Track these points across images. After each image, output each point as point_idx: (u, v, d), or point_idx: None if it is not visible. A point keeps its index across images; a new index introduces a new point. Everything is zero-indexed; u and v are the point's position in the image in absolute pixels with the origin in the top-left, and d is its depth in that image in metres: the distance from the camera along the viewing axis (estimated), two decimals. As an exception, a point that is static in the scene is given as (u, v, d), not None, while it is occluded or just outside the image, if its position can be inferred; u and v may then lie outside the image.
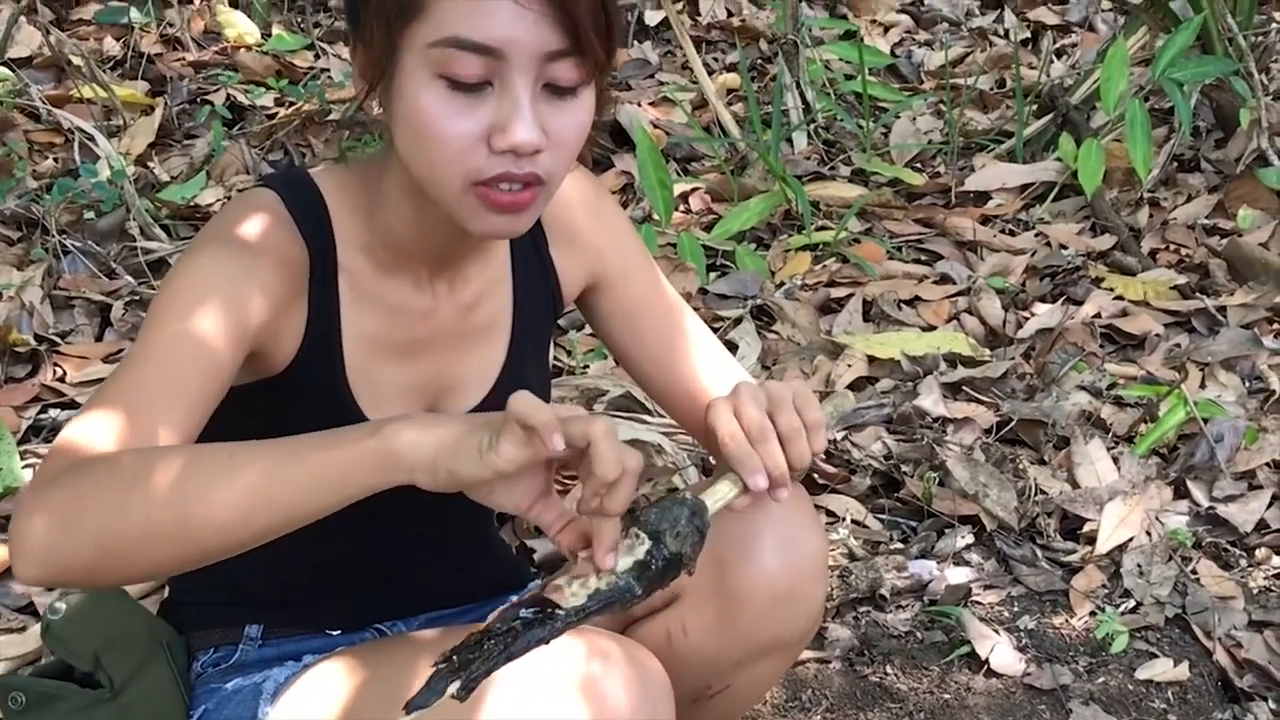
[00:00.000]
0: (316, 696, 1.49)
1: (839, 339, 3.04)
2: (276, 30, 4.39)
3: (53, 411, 2.79)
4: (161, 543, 1.19)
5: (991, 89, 4.26)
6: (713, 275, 3.33)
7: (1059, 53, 4.47)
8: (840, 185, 3.74)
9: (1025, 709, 2.20)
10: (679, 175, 3.80)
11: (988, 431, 2.75)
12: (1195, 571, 2.43)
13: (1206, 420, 2.63)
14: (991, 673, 2.26)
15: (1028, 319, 3.15)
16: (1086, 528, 2.52)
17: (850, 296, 3.24)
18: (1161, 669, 2.25)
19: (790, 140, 3.93)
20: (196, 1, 4.54)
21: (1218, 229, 3.50)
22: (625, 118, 3.90)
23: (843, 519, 2.56)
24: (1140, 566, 2.42)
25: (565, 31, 1.30)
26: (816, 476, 2.63)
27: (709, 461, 2.54)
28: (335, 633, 1.67)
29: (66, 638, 1.55)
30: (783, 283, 3.31)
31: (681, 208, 3.66)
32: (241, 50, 4.27)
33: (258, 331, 1.40)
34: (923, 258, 3.47)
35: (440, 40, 1.30)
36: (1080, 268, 3.35)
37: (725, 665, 1.64)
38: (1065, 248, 3.44)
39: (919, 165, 3.90)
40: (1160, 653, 2.29)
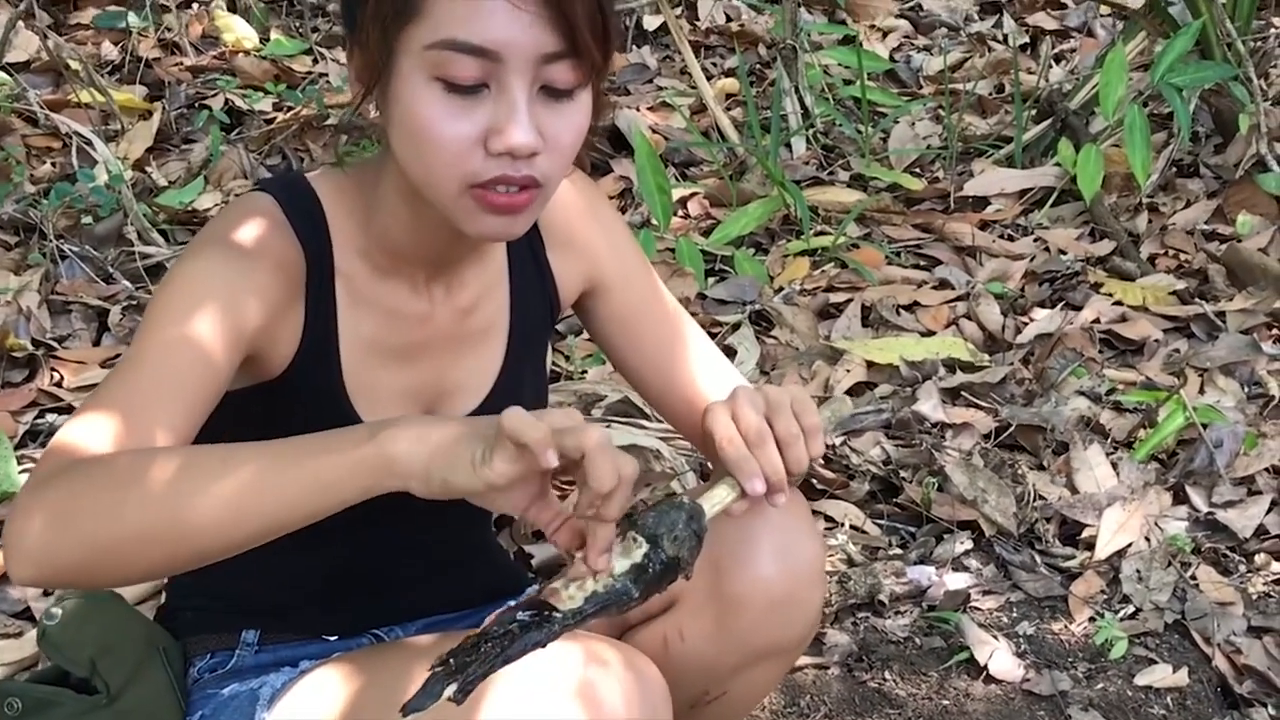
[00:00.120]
0: (313, 702, 1.48)
1: (838, 344, 3.03)
2: (275, 35, 4.39)
3: (50, 416, 2.78)
4: (154, 544, 1.18)
5: (990, 94, 4.26)
6: (711, 280, 3.33)
7: (1058, 58, 4.47)
8: (839, 190, 3.74)
9: (1024, 715, 2.20)
10: (677, 180, 3.79)
11: (986, 437, 2.75)
12: (1194, 577, 2.42)
13: (1205, 426, 2.63)
14: (990, 679, 2.26)
15: (1026, 324, 3.14)
16: (1085, 533, 2.52)
17: (849, 302, 3.23)
18: (1161, 675, 2.25)
19: (789, 145, 3.92)
20: (195, 6, 4.54)
21: (1217, 234, 3.50)
22: (624, 123, 3.90)
23: (841, 524, 2.55)
24: (1139, 572, 2.42)
25: (561, 33, 1.30)
26: (815, 482, 2.63)
27: (707, 467, 2.54)
28: (332, 638, 1.66)
29: (62, 643, 1.54)
30: (781, 288, 3.31)
31: (680, 213, 3.66)
32: (239, 55, 4.27)
33: (254, 335, 1.40)
34: (921, 263, 3.47)
35: (436, 42, 1.29)
36: (1079, 273, 3.35)
37: (722, 671, 1.63)
38: (1064, 253, 3.43)
39: (918, 170, 3.89)
40: (1159, 659, 2.29)
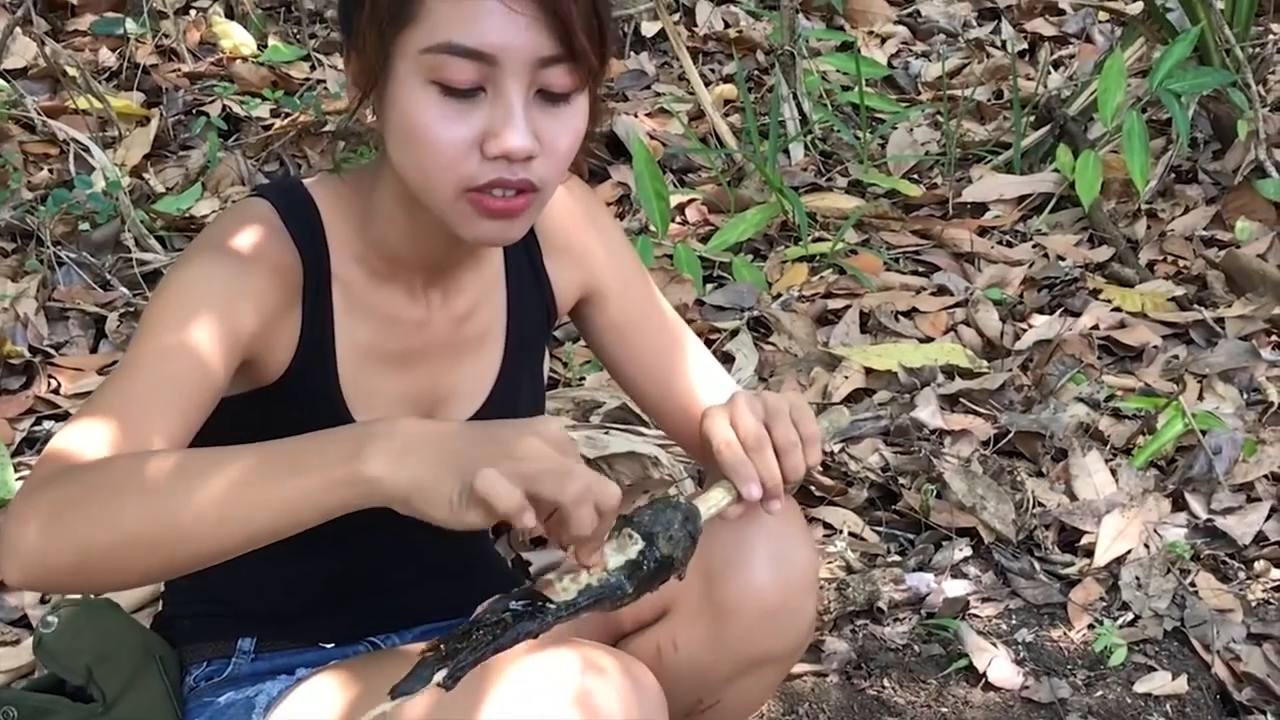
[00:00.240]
0: (309, 710, 1.48)
1: (836, 351, 3.03)
2: (272, 41, 4.39)
3: (47, 423, 2.78)
4: (143, 550, 1.17)
5: (989, 100, 4.26)
6: (709, 287, 3.33)
7: (1056, 64, 4.47)
8: (837, 196, 3.74)
9: (1023, 722, 2.20)
10: (676, 186, 3.79)
11: (985, 444, 2.75)
12: (1194, 584, 2.42)
13: (1205, 432, 2.63)
14: (989, 686, 2.25)
15: (1025, 331, 3.14)
16: (1084, 540, 2.52)
17: (847, 308, 3.23)
18: (1160, 682, 2.24)
19: (787, 151, 3.92)
20: (192, 13, 4.54)
21: (1215, 240, 3.49)
22: (622, 129, 3.90)
23: (840, 531, 2.55)
24: (1138, 579, 2.41)
25: (558, 37, 1.30)
26: (813, 489, 2.62)
27: (704, 475, 2.54)
28: (329, 646, 1.66)
29: (58, 651, 1.54)
30: (780, 294, 3.31)
31: (678, 219, 3.65)
32: (237, 61, 4.26)
33: (250, 341, 1.40)
34: (920, 269, 3.47)
35: (433, 46, 1.30)
36: (1078, 279, 3.34)
37: (716, 679, 1.63)
38: (1063, 259, 3.43)
39: (916, 176, 3.89)
40: (1159, 666, 2.28)
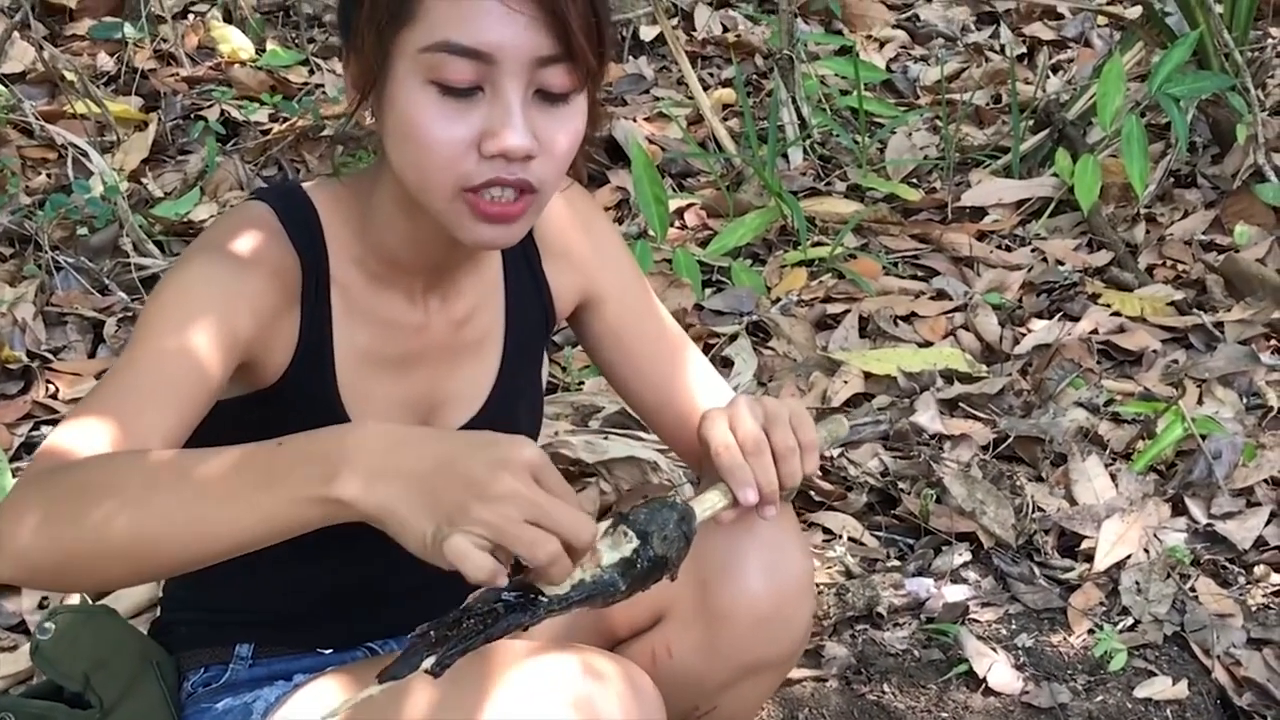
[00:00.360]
0: (307, 716, 1.47)
1: (835, 355, 3.03)
2: (271, 46, 4.39)
3: (45, 428, 2.78)
4: (117, 558, 1.17)
5: (987, 104, 4.26)
6: (708, 291, 3.32)
7: (1055, 68, 4.47)
8: (836, 201, 3.74)
9: (1023, 728, 2.20)
10: (674, 191, 3.79)
11: (985, 448, 2.74)
12: (1194, 589, 2.42)
13: (1204, 437, 2.62)
14: (989, 691, 2.25)
15: (1024, 335, 3.14)
16: (1084, 545, 2.51)
17: (846, 312, 3.23)
18: (1160, 687, 2.24)
19: (786, 156, 3.92)
20: (191, 17, 4.54)
21: (1215, 245, 3.49)
22: (621, 133, 3.90)
23: (839, 536, 2.55)
24: (1138, 584, 2.41)
25: (556, 36, 1.30)
26: (813, 493, 2.62)
27: (700, 479, 2.53)
28: (326, 652, 1.66)
29: (55, 658, 1.53)
30: (779, 299, 3.31)
31: (677, 223, 3.65)
32: (236, 66, 4.27)
33: (248, 343, 1.40)
34: (919, 273, 3.47)
35: (431, 45, 1.30)
36: (1077, 284, 3.34)
37: (711, 686, 1.63)
38: (1062, 263, 3.43)
39: (915, 181, 3.89)
40: (1159, 671, 2.28)
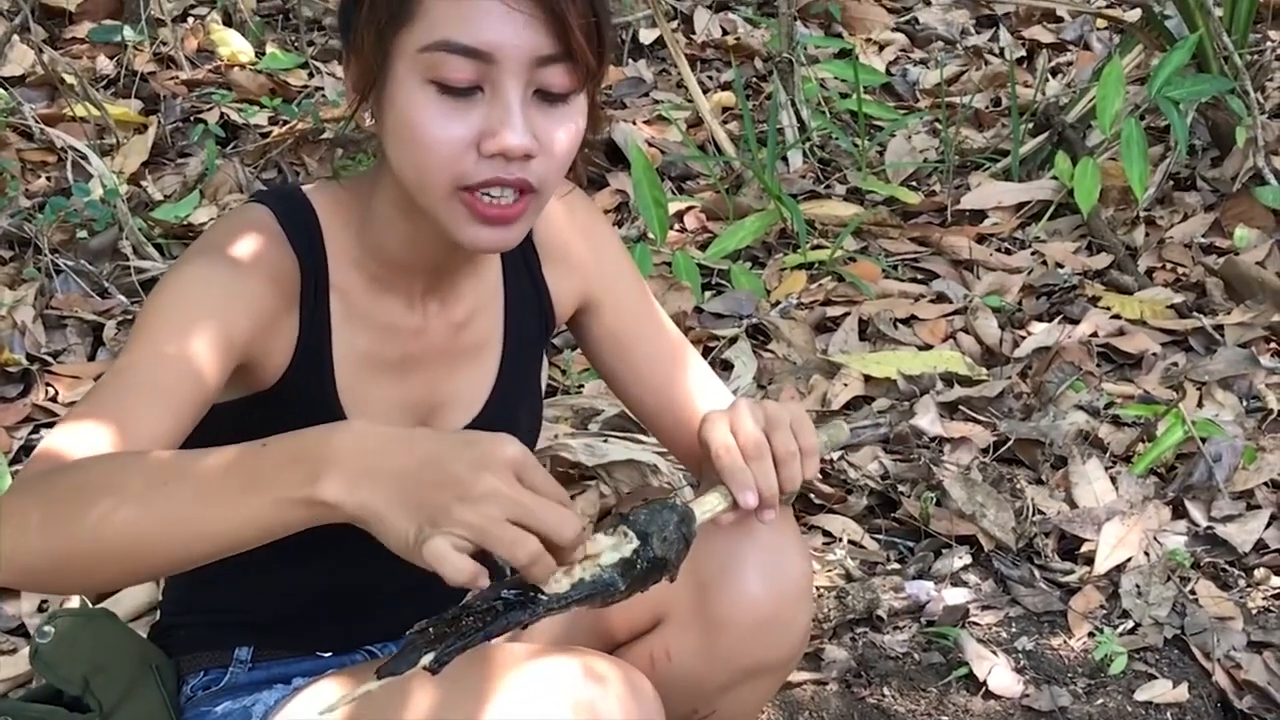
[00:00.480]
0: (306, 718, 1.47)
1: (835, 358, 3.03)
2: (270, 49, 4.38)
3: (44, 431, 2.77)
4: (106, 560, 1.16)
5: (987, 107, 4.26)
6: (708, 294, 3.32)
7: (1054, 71, 4.47)
8: (836, 204, 3.74)
9: (1024, 731, 2.20)
10: (674, 194, 3.79)
11: (985, 451, 2.74)
12: (1194, 592, 2.41)
13: (1204, 440, 2.62)
14: (990, 694, 2.25)
15: (1024, 338, 3.14)
16: (1084, 548, 2.51)
17: (846, 315, 3.22)
18: (1160, 690, 2.24)
19: (785, 159, 3.92)
20: (190, 20, 4.54)
21: (1214, 248, 3.49)
22: (620, 136, 3.90)
23: (839, 539, 2.55)
24: (1139, 587, 2.41)
25: (556, 36, 1.30)
26: (813, 496, 2.62)
27: (700, 482, 2.53)
28: (326, 655, 1.66)
29: (55, 662, 1.53)
30: (778, 302, 3.30)
31: (677, 226, 3.65)
32: (235, 69, 4.26)
33: (246, 345, 1.39)
34: (919, 276, 3.46)
35: (431, 44, 1.30)
36: (1077, 287, 3.34)
37: (710, 689, 1.62)
38: (1061, 266, 3.43)
39: (914, 184, 3.89)
40: (1159, 674, 2.28)
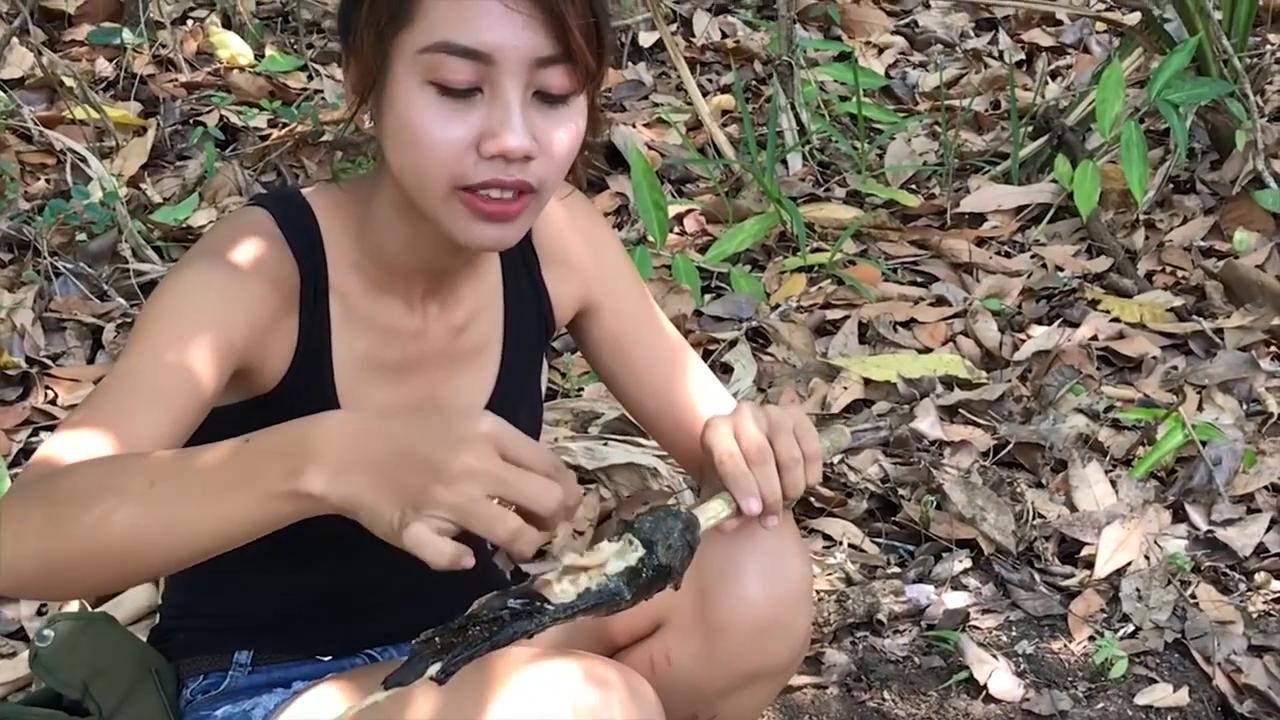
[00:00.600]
0: (308, 723, 1.47)
1: (835, 361, 3.02)
2: (270, 51, 4.38)
3: (44, 434, 2.77)
4: (94, 561, 1.16)
5: (986, 110, 4.26)
6: (708, 297, 3.32)
7: (1054, 74, 4.47)
8: (835, 207, 3.73)
9: (1024, 735, 2.19)
10: (674, 197, 3.79)
11: (985, 454, 2.74)
12: (1194, 596, 2.41)
13: (1204, 443, 2.62)
14: (990, 698, 2.24)
15: (1024, 341, 3.13)
16: (1085, 551, 2.51)
17: (846, 318, 3.22)
18: (1161, 694, 2.24)
19: (785, 162, 3.92)
20: (189, 23, 4.54)
21: (1214, 251, 3.49)
22: (620, 139, 3.90)
23: (840, 543, 2.54)
24: (1139, 591, 2.41)
25: (555, 37, 1.30)
26: (813, 500, 2.62)
27: (701, 486, 2.53)
28: (326, 658, 1.65)
29: (54, 666, 1.53)
30: (778, 305, 3.30)
31: (676, 229, 3.65)
32: (234, 71, 4.26)
33: (245, 349, 1.39)
34: (918, 279, 3.46)
35: (430, 46, 1.30)
36: (1076, 290, 3.34)
37: (710, 694, 1.62)
38: (1061, 270, 3.43)
39: (914, 187, 3.89)
40: (1160, 678, 2.28)
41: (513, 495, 1.12)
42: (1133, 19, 3.98)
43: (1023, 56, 4.62)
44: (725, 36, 4.74)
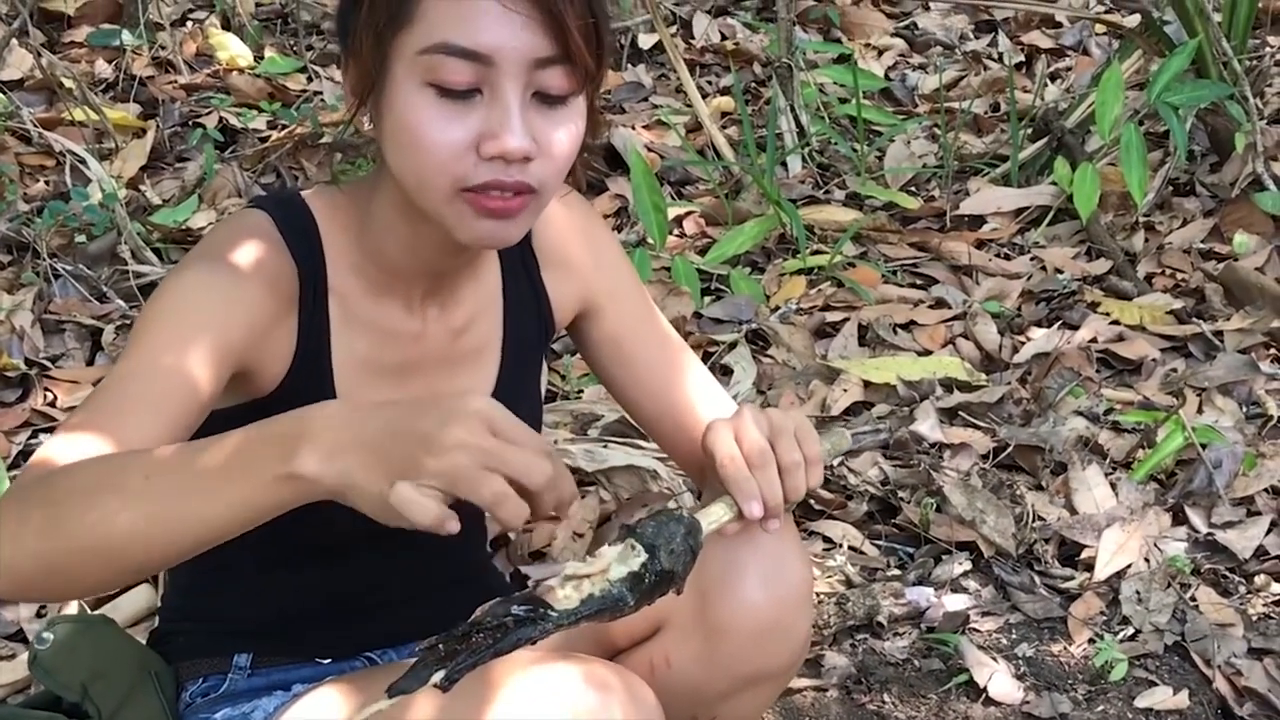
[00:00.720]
0: (308, 726, 1.47)
1: (834, 363, 3.02)
2: (269, 53, 4.38)
3: (43, 436, 2.77)
4: (89, 559, 1.16)
5: (986, 113, 4.26)
6: (707, 299, 3.32)
7: (1053, 76, 4.47)
8: (835, 209, 3.74)
9: (1024, 738, 2.19)
10: (673, 199, 3.79)
11: (984, 457, 2.74)
12: (1194, 598, 2.41)
13: (1204, 446, 2.62)
14: (990, 701, 2.24)
15: (1024, 344, 3.13)
16: (1084, 554, 2.51)
17: (845, 321, 3.22)
18: (1161, 697, 2.23)
19: (785, 164, 3.92)
20: (189, 24, 4.54)
21: (1213, 253, 3.49)
22: (619, 141, 3.90)
23: (839, 545, 2.54)
24: (1139, 593, 2.40)
25: (554, 37, 1.30)
26: (813, 502, 2.62)
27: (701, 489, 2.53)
28: (325, 661, 1.65)
29: (54, 668, 1.53)
30: (778, 307, 3.30)
31: (676, 231, 3.65)
32: (234, 73, 4.26)
33: (244, 352, 1.39)
34: (918, 282, 3.46)
35: (429, 47, 1.30)
36: (1076, 292, 3.34)
37: (710, 696, 1.62)
38: (1061, 272, 3.43)
39: (914, 189, 3.89)
40: (1159, 681, 2.27)
41: (501, 467, 1.12)
42: (1132, 21, 3.98)
43: (1022, 59, 4.63)
44: (725, 38, 4.75)
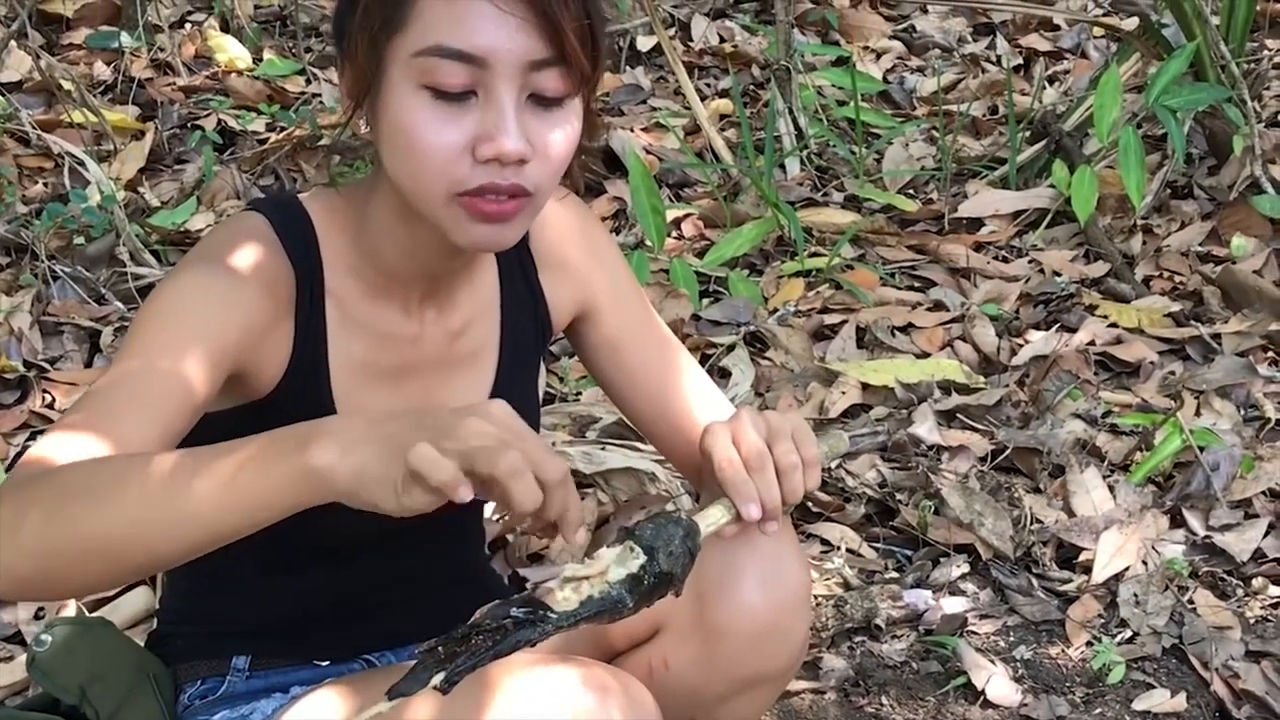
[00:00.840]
0: (307, 729, 1.47)
1: (832, 366, 3.02)
2: (268, 55, 4.38)
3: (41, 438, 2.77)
4: (91, 558, 1.16)
5: (984, 115, 4.26)
6: (705, 301, 3.32)
7: (1051, 79, 4.47)
8: (833, 211, 3.74)
9: (1022, 740, 2.19)
10: (671, 201, 3.79)
11: (982, 459, 2.74)
12: (1192, 601, 2.41)
13: (1202, 448, 2.62)
14: (988, 703, 2.24)
15: (1022, 346, 3.13)
16: (1082, 557, 2.51)
17: (844, 323, 3.22)
18: (1159, 700, 2.23)
19: (783, 166, 3.92)
20: (188, 26, 4.54)
21: (1211, 256, 3.49)
22: (618, 143, 3.90)
23: (837, 547, 2.54)
24: (1136, 596, 2.40)
25: (549, 40, 1.30)
26: (811, 505, 2.62)
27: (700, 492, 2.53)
28: (324, 663, 1.65)
29: (52, 670, 1.52)
30: (776, 309, 3.30)
31: (674, 234, 3.65)
32: (233, 75, 4.26)
33: (240, 354, 1.39)
34: (916, 284, 3.46)
35: (424, 49, 1.30)
36: (1074, 295, 3.34)
37: (708, 699, 1.62)
38: (1059, 275, 3.43)
39: (912, 191, 3.89)
40: (1157, 683, 2.28)
41: (519, 445, 1.14)
42: (1130, 24, 3.98)
43: (1020, 61, 4.63)
44: (723, 41, 4.75)
